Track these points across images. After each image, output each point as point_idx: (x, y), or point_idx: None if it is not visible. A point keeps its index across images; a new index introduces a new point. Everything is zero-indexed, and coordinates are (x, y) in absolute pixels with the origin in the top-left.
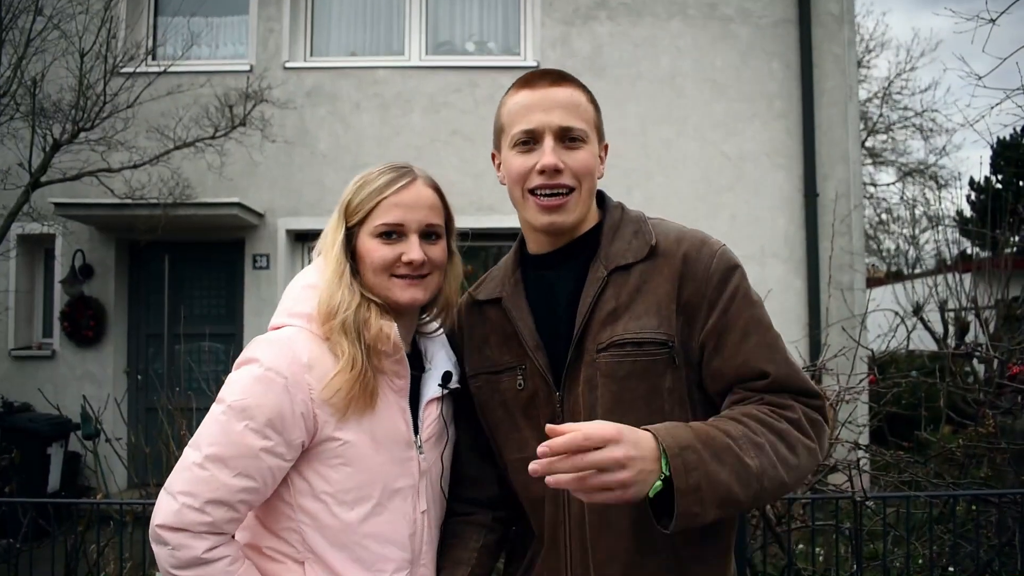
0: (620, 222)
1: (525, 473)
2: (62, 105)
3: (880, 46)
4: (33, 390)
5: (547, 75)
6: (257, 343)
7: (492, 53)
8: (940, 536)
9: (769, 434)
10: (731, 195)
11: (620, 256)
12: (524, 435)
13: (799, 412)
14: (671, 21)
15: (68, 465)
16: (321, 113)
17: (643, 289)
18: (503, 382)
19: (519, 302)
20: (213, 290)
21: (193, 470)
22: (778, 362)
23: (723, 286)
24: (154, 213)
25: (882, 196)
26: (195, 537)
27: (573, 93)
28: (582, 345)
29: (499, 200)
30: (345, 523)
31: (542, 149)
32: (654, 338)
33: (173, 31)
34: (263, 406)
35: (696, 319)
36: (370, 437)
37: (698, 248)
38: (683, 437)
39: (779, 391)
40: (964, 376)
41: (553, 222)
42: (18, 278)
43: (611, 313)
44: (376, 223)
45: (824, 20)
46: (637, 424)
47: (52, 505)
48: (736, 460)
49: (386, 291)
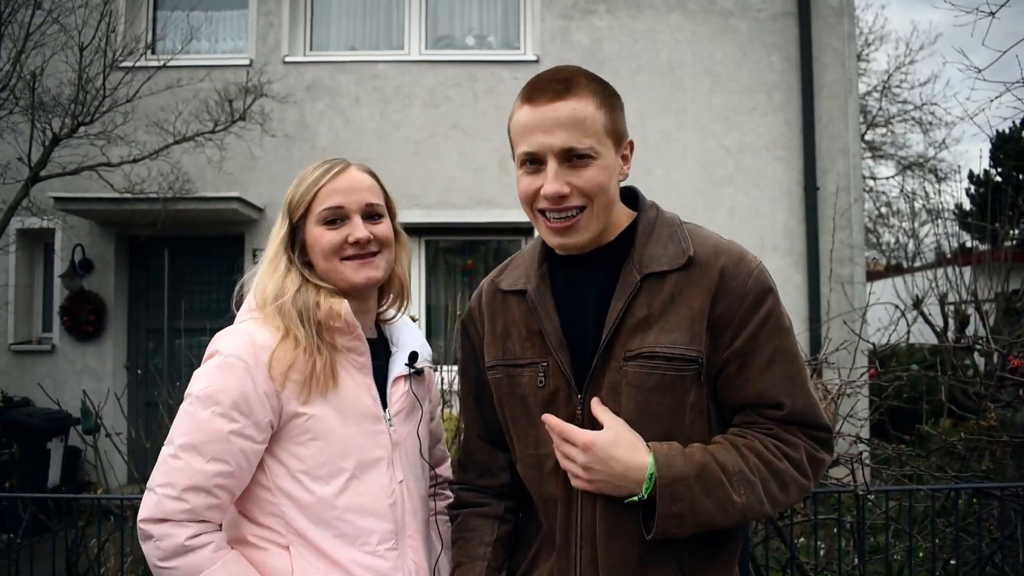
0: (655, 224)
1: (538, 469)
2: (61, 99)
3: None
4: (33, 385)
5: (549, 88)
6: (218, 336)
7: (492, 47)
8: (942, 529)
9: (765, 472)
10: (731, 188)
11: (655, 262)
12: (541, 432)
13: (802, 451)
14: (670, 14)
15: (68, 460)
16: (321, 107)
17: (677, 300)
18: (524, 376)
19: (545, 298)
20: (213, 285)
21: (168, 462)
22: (796, 396)
23: (756, 308)
24: (154, 207)
25: (881, 190)
26: (177, 526)
27: (576, 106)
28: (609, 351)
29: (499, 194)
30: (322, 498)
31: (546, 173)
32: (684, 354)
33: (172, 25)
34: (227, 390)
35: (723, 336)
36: (335, 411)
37: (736, 263)
38: (679, 469)
39: (790, 422)
40: (964, 369)
41: (564, 243)
42: (18, 272)
43: (642, 321)
44: (318, 211)
45: (824, 13)
46: (658, 436)
47: (52, 500)
48: (724, 495)
49: (339, 275)
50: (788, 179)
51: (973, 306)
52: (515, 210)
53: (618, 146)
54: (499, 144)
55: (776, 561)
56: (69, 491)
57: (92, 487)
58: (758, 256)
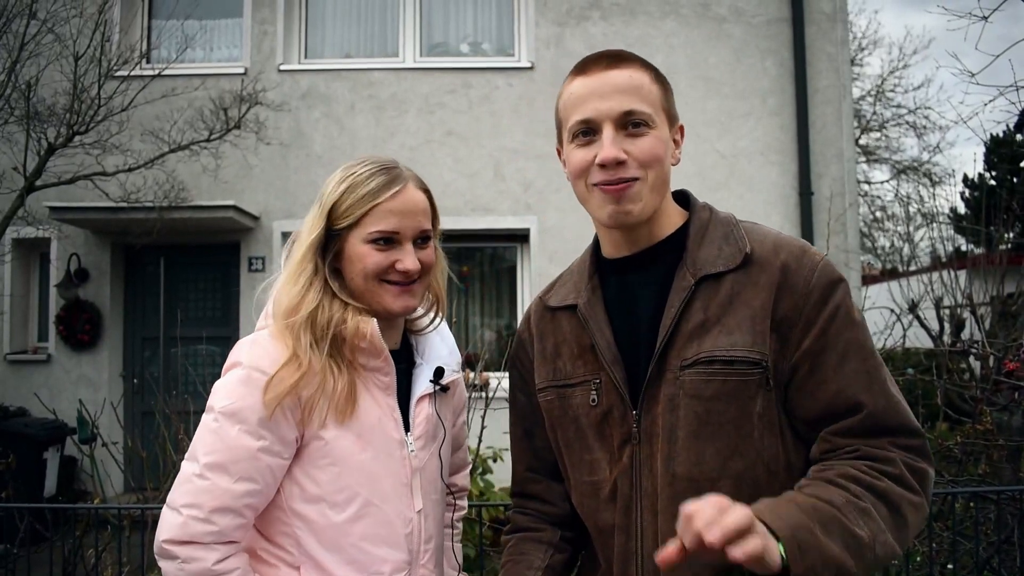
0: (708, 224)
1: (594, 497)
2: (56, 109)
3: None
4: (29, 394)
5: (603, 57)
6: (239, 346)
7: (486, 54)
8: (939, 534)
9: (871, 495)
10: (725, 192)
11: (710, 263)
12: (596, 456)
13: (900, 466)
14: (664, 20)
15: (64, 470)
16: (316, 115)
17: (735, 301)
18: (576, 397)
19: (597, 310)
20: (209, 293)
21: (194, 481)
22: (875, 393)
23: (824, 302)
24: (149, 216)
25: (876, 194)
26: (204, 548)
27: (633, 74)
28: (664, 361)
29: (494, 200)
30: (336, 525)
31: (601, 141)
32: (747, 356)
33: (167, 34)
34: (252, 407)
35: (791, 337)
36: (356, 435)
37: (798, 258)
38: (791, 516)
39: (874, 430)
40: (960, 373)
41: (617, 211)
42: (13, 282)
43: (699, 326)
44: (370, 230)
45: (817, 19)
46: (723, 451)
47: (49, 510)
48: (845, 532)
49: (377, 298)
50: (783, 184)
51: (968, 310)
52: (510, 216)
53: (671, 126)
54: (494, 150)
55: None
56: (65, 501)
57: (89, 497)
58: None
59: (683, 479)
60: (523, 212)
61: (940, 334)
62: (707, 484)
